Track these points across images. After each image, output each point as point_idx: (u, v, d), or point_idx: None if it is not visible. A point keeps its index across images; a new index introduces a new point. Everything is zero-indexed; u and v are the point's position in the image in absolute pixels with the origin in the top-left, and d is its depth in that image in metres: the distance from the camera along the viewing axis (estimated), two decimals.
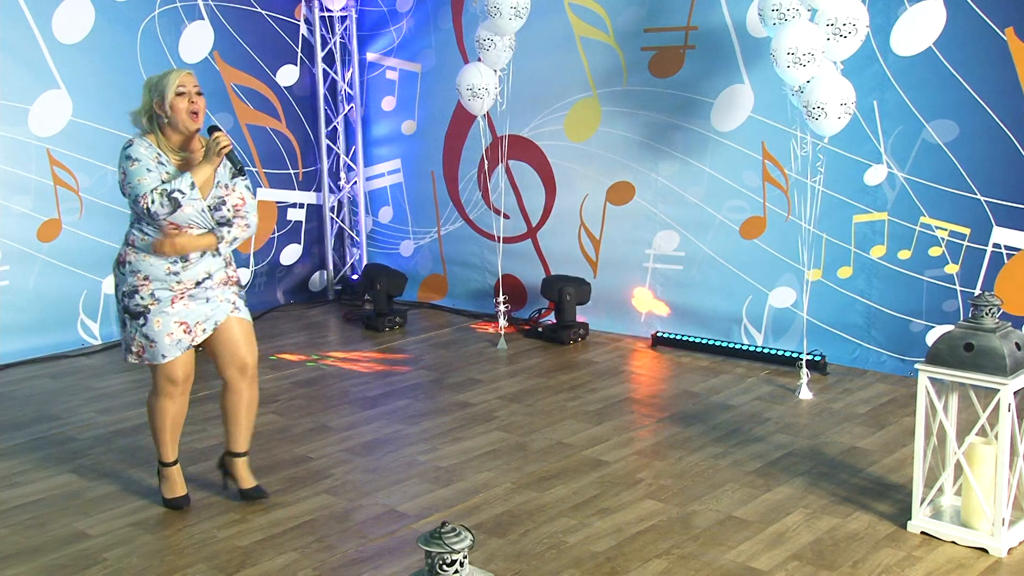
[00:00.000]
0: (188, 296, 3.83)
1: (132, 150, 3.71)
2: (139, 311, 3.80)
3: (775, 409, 5.12)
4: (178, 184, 3.65)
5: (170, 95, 3.70)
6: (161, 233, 3.76)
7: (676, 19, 6.06)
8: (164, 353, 3.81)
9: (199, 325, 3.86)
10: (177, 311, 3.81)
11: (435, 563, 2.34)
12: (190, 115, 3.73)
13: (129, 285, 3.80)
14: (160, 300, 3.79)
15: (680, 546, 3.67)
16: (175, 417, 3.98)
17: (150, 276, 3.78)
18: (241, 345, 3.96)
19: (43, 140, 6.21)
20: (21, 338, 6.24)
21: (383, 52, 7.58)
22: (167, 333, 3.80)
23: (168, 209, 3.65)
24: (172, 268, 3.79)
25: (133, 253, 3.80)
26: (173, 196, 3.64)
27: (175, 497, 4.05)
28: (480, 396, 5.45)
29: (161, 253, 3.76)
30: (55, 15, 6.14)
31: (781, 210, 5.85)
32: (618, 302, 6.60)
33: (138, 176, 3.67)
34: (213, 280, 3.88)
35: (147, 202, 3.63)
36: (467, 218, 7.30)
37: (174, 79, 3.71)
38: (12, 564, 3.64)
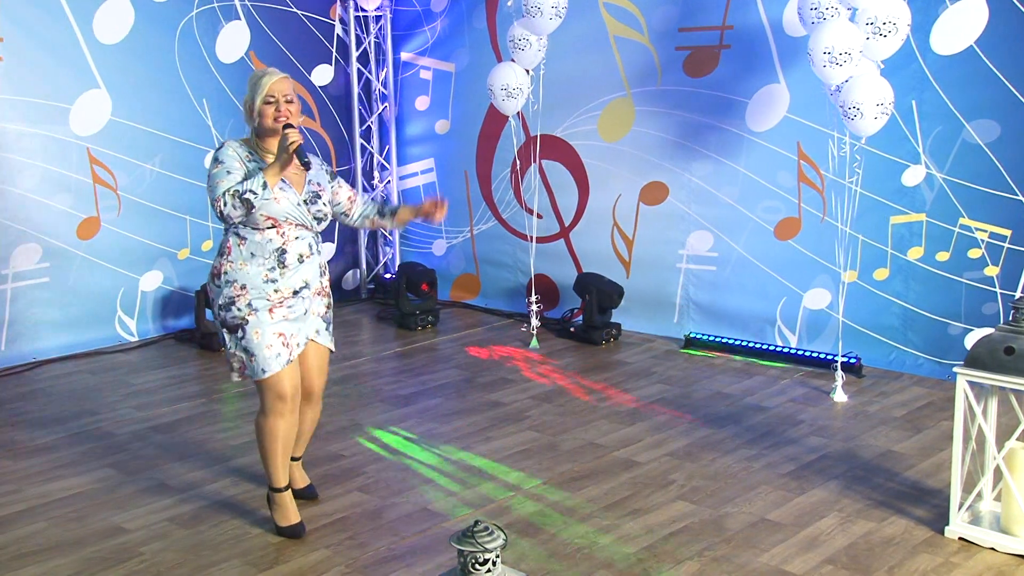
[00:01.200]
0: (286, 306, 3.66)
1: (220, 152, 3.63)
2: (237, 323, 3.63)
3: (809, 411, 5.08)
4: (250, 184, 3.51)
5: (258, 102, 3.62)
6: (259, 233, 3.61)
7: (711, 18, 6.03)
8: (264, 367, 3.62)
9: (294, 338, 3.70)
10: (276, 322, 3.64)
11: (467, 562, 2.34)
12: (275, 122, 3.62)
13: (225, 297, 3.63)
14: (257, 310, 3.62)
15: (712, 548, 3.65)
16: (286, 437, 3.74)
17: (247, 285, 3.61)
18: (314, 373, 3.84)
19: (83, 139, 6.30)
20: (61, 334, 6.34)
21: (417, 52, 7.60)
22: (267, 345, 3.62)
23: (242, 211, 3.52)
24: (270, 275, 3.62)
25: (228, 263, 3.63)
26: (245, 197, 3.50)
27: (290, 525, 3.81)
28: (511, 396, 5.46)
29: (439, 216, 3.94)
30: (96, 16, 6.22)
31: (816, 211, 5.79)
32: (651, 302, 6.58)
33: (218, 179, 3.56)
34: (310, 289, 3.73)
35: (220, 204, 3.52)
36: (500, 218, 7.31)
37: (265, 85, 3.62)
38: (53, 556, 3.70)
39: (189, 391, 5.64)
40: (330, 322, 3.89)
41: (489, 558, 2.34)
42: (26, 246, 6.13)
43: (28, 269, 6.17)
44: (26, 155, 6.07)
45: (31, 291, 6.20)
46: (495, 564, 2.36)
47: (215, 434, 4.91)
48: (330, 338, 3.89)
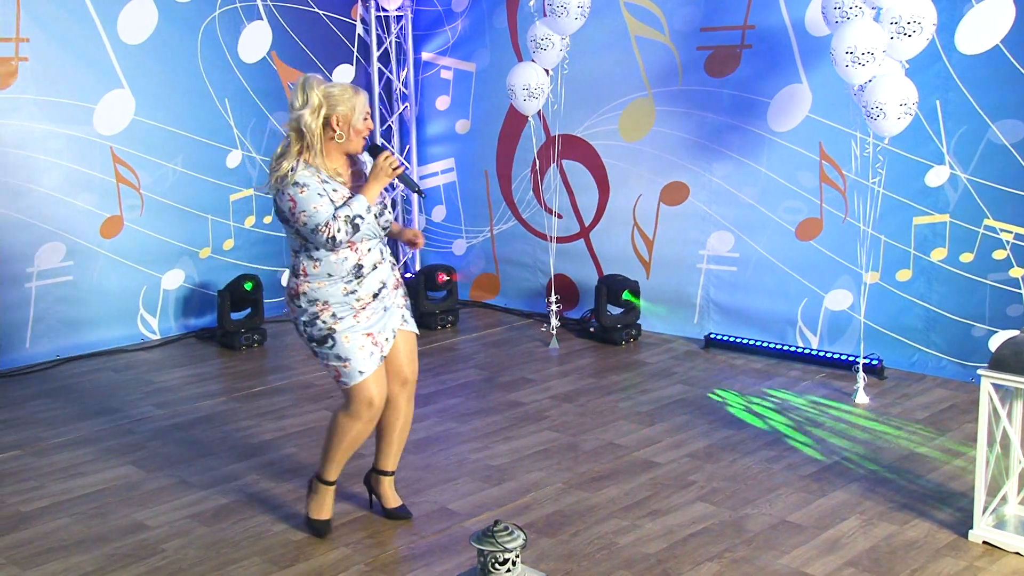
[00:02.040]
0: (369, 309, 3.66)
1: (299, 176, 3.50)
2: (324, 335, 3.62)
3: (830, 413, 5.05)
4: (357, 210, 3.51)
5: (357, 118, 3.55)
6: (333, 254, 3.56)
7: (733, 18, 6.01)
8: (361, 368, 3.61)
9: (382, 335, 3.69)
10: (361, 323, 3.64)
11: (487, 561, 2.35)
12: (362, 140, 3.61)
13: (309, 315, 3.62)
14: (342, 318, 3.61)
15: (733, 550, 3.64)
16: (357, 441, 3.76)
17: (329, 301, 3.60)
18: (405, 359, 3.81)
19: (107, 138, 6.34)
20: (84, 332, 6.39)
21: (438, 52, 7.61)
22: (359, 347, 3.61)
23: (351, 235, 3.51)
24: (348, 288, 3.61)
25: (307, 284, 3.60)
26: (355, 223, 3.50)
27: (321, 520, 3.83)
28: (531, 395, 5.45)
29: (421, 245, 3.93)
30: (120, 16, 6.27)
31: (838, 211, 5.76)
32: (671, 303, 6.56)
33: (313, 203, 3.47)
34: (387, 288, 3.73)
35: (331, 231, 3.46)
36: (520, 217, 7.31)
37: (364, 103, 3.57)
38: (76, 552, 3.73)
39: (210, 389, 5.68)
40: (409, 308, 3.88)
41: (509, 558, 2.35)
42: (50, 245, 6.18)
43: (52, 268, 6.22)
44: (51, 154, 6.12)
45: (55, 289, 6.25)
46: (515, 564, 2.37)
47: (236, 432, 4.94)
48: (414, 322, 3.88)
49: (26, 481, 4.40)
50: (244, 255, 7.07)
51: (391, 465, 3.95)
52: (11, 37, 5.85)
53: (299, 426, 5.01)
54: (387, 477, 3.96)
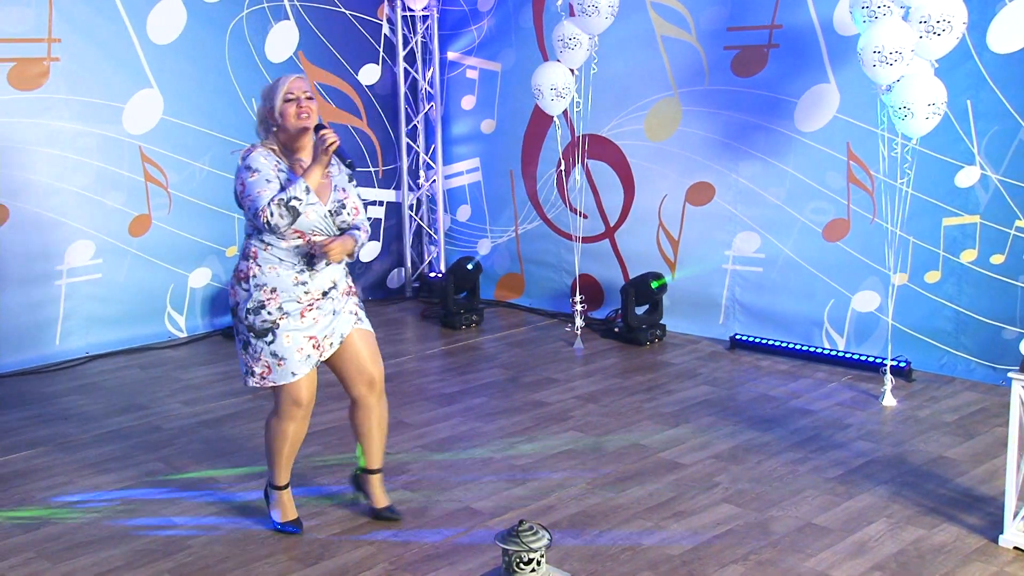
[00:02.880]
0: (316, 308, 3.64)
1: (251, 159, 3.56)
2: (266, 328, 3.59)
3: (857, 415, 5.01)
4: (293, 191, 3.48)
5: (279, 102, 3.57)
6: (284, 241, 3.58)
7: (760, 18, 5.97)
8: (294, 371, 3.62)
9: (327, 339, 3.69)
10: (307, 324, 3.63)
11: (512, 561, 2.34)
12: (299, 119, 3.58)
13: (255, 301, 3.59)
14: (289, 314, 3.60)
15: (758, 552, 3.62)
16: (294, 441, 3.79)
17: (278, 288, 3.58)
18: (367, 360, 3.78)
19: (136, 138, 6.41)
20: (112, 329, 6.45)
21: (464, 51, 7.62)
22: (297, 348, 3.61)
23: (288, 219, 3.49)
24: (300, 278, 3.60)
25: (256, 267, 3.60)
26: (291, 205, 3.48)
27: (291, 520, 3.87)
28: (556, 395, 5.45)
29: (335, 258, 3.59)
30: (150, 16, 6.33)
31: (866, 212, 5.71)
32: (696, 303, 6.53)
33: (258, 188, 3.51)
34: (338, 290, 3.72)
35: (267, 215, 3.47)
36: (545, 217, 7.30)
37: (283, 85, 3.59)
38: (103, 547, 3.77)
39: (236, 387, 5.71)
40: (363, 309, 3.87)
41: (534, 557, 2.34)
42: (80, 243, 6.25)
43: (82, 265, 6.29)
44: (81, 153, 6.19)
45: (84, 287, 6.32)
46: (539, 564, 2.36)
47: (262, 430, 4.93)
48: (368, 321, 3.86)
49: (55, 477, 4.45)
50: None
51: (375, 463, 3.94)
52: (43, 38, 5.92)
53: (323, 424, 5.04)
54: (374, 475, 3.96)
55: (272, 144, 3.65)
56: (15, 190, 5.95)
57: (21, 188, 5.97)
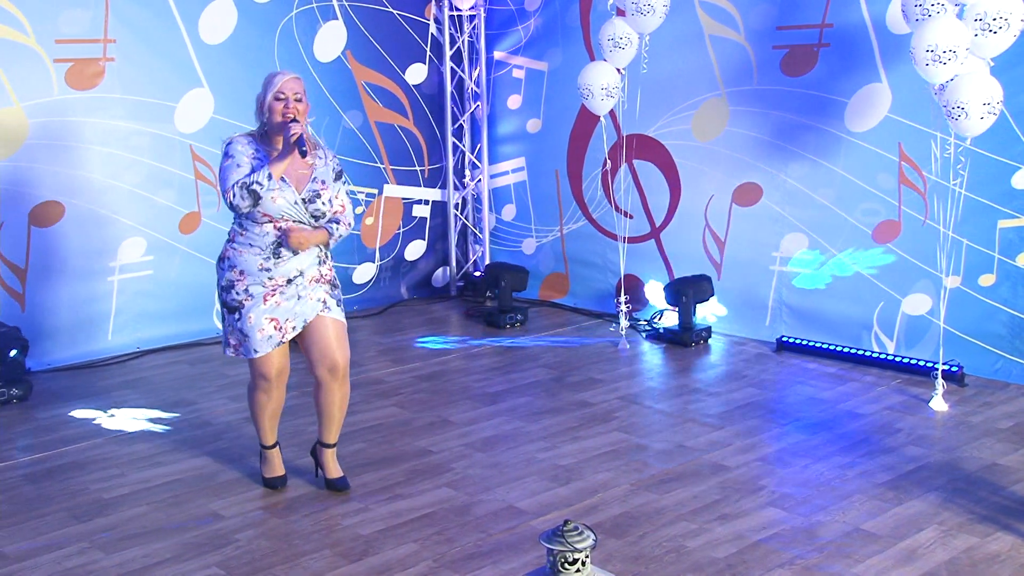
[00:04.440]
0: (279, 292, 3.92)
1: (230, 147, 3.87)
2: (235, 306, 3.94)
3: (907, 420, 4.93)
4: (257, 176, 3.76)
5: (268, 97, 3.85)
6: (256, 226, 3.87)
7: (811, 16, 5.90)
8: (256, 348, 3.94)
9: (289, 322, 3.96)
10: (269, 307, 3.92)
11: (557, 561, 2.35)
12: (283, 117, 3.82)
13: (226, 280, 3.95)
14: (253, 296, 3.91)
15: (804, 557, 3.57)
16: (273, 409, 4.16)
17: (245, 271, 3.91)
18: (331, 345, 4.02)
19: (187, 136, 6.50)
20: (163, 325, 6.56)
21: (510, 51, 7.63)
22: (259, 329, 3.92)
23: (249, 201, 3.76)
24: (264, 264, 3.89)
25: (232, 249, 3.95)
26: (252, 188, 3.75)
27: (273, 477, 4.26)
28: (600, 396, 5.43)
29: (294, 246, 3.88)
30: (202, 17, 6.42)
31: (918, 214, 5.62)
32: (743, 305, 6.47)
33: (229, 171, 3.82)
34: (304, 278, 3.96)
35: (230, 196, 3.77)
36: (590, 217, 7.28)
37: (277, 83, 3.85)
38: (153, 540, 3.83)
39: None
40: (339, 299, 4.08)
41: (579, 558, 2.34)
42: (132, 240, 6.36)
43: (133, 262, 6.40)
44: (134, 152, 6.29)
45: (136, 283, 6.43)
46: (584, 564, 2.36)
47: (305, 427, 5.01)
48: (342, 312, 4.08)
49: (108, 469, 4.54)
50: None
51: (330, 438, 4.22)
52: (99, 38, 6.04)
53: (369, 422, 5.07)
54: (328, 449, 4.24)
55: (258, 131, 3.95)
56: (71, 188, 6.07)
57: (76, 186, 6.09)
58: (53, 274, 6.08)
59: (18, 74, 5.78)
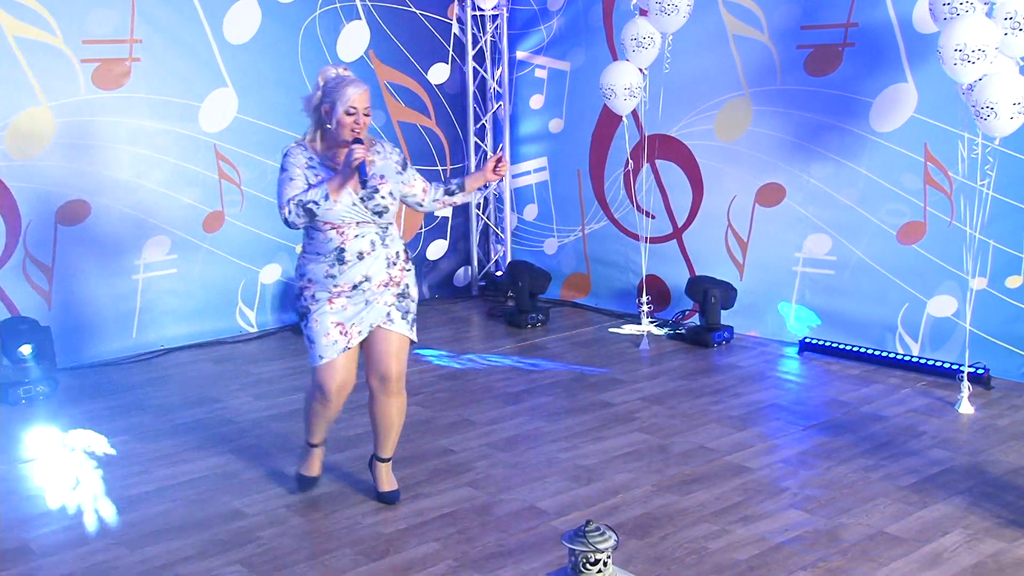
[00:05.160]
0: (344, 296, 3.81)
1: (286, 160, 3.76)
2: (303, 312, 3.87)
3: (932, 423, 4.88)
4: (313, 195, 3.64)
5: (340, 110, 3.68)
6: (321, 233, 3.75)
7: (836, 16, 5.86)
8: (321, 353, 3.83)
9: (355, 327, 3.84)
10: (335, 311, 3.82)
11: (579, 561, 2.34)
12: (351, 132, 3.69)
13: (297, 288, 3.90)
14: (319, 301, 3.82)
15: (827, 559, 3.55)
16: (328, 416, 4.06)
17: (312, 279, 3.82)
18: (384, 356, 3.91)
19: (211, 136, 6.54)
20: (186, 323, 6.61)
21: (533, 50, 7.63)
22: (324, 334, 3.81)
23: (304, 219, 3.68)
24: (329, 271, 3.78)
25: (302, 257, 3.88)
26: (307, 208, 3.65)
27: (307, 476, 4.22)
28: (621, 396, 5.42)
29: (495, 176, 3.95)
30: (226, 17, 6.46)
31: (944, 215, 5.57)
32: (765, 306, 6.44)
33: (283, 186, 3.72)
34: (372, 283, 3.82)
35: (285, 212, 3.67)
36: (612, 217, 7.27)
37: (350, 96, 3.68)
38: (178, 536, 3.86)
39: (305, 382, 5.77)
40: (408, 311, 3.93)
41: (600, 558, 2.34)
42: (156, 238, 6.41)
43: (158, 260, 6.45)
44: (158, 151, 6.34)
45: (160, 281, 6.48)
46: (606, 565, 2.36)
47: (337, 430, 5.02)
48: (408, 327, 3.93)
49: (133, 466, 4.58)
50: None
51: (384, 451, 4.12)
52: (126, 39, 6.09)
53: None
54: (382, 463, 4.13)
55: (311, 134, 3.81)
56: (97, 187, 6.12)
57: (102, 185, 6.14)
58: (79, 272, 6.14)
59: (46, 74, 5.83)
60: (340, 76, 3.77)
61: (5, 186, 5.77)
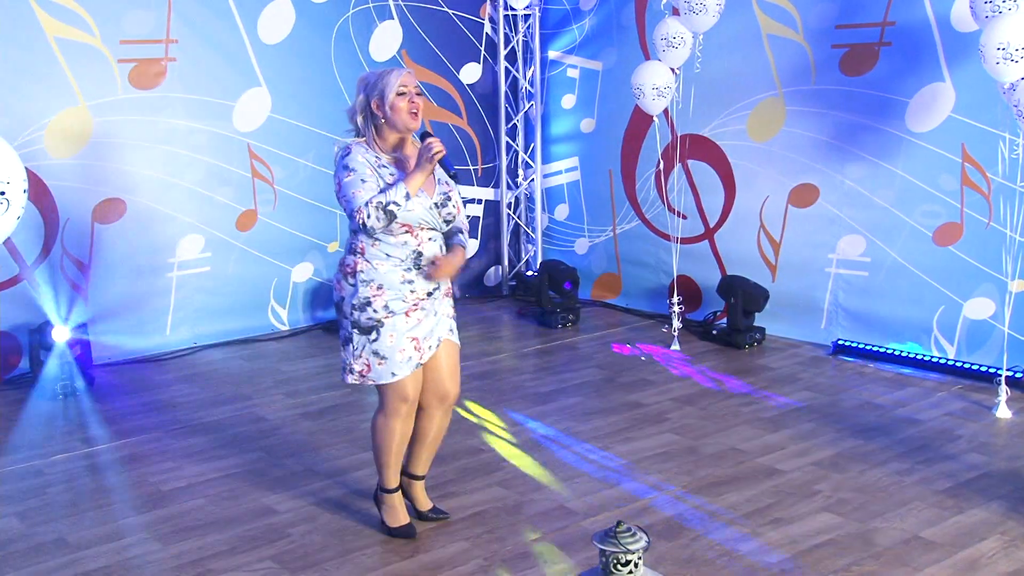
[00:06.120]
0: (420, 308, 3.59)
1: (349, 159, 3.50)
2: (371, 325, 3.55)
3: (968, 427, 4.81)
4: (393, 196, 3.42)
5: (391, 95, 3.50)
6: (392, 236, 3.52)
7: (872, 15, 5.80)
8: (395, 371, 3.56)
9: (426, 341, 3.63)
10: (411, 325, 3.58)
11: (610, 562, 2.33)
12: (410, 115, 3.53)
13: (361, 297, 3.54)
14: (395, 313, 3.55)
15: (860, 563, 3.51)
16: (402, 438, 3.73)
17: (384, 285, 3.53)
18: (447, 374, 3.72)
19: (245, 135, 6.60)
20: (219, 321, 6.66)
21: (565, 50, 7.61)
22: (400, 349, 3.56)
23: (384, 222, 3.44)
24: (407, 276, 3.54)
25: (364, 262, 3.54)
26: (388, 209, 3.42)
27: (400, 526, 3.80)
28: (652, 397, 5.40)
29: (441, 279, 3.61)
30: (260, 17, 6.51)
31: (981, 216, 5.49)
32: (798, 307, 6.38)
33: (354, 188, 3.45)
34: (440, 291, 3.67)
35: (363, 216, 3.41)
36: (643, 217, 7.24)
37: (395, 79, 3.52)
38: (210, 532, 3.89)
39: (336, 380, 5.82)
40: (454, 320, 3.81)
41: (631, 559, 2.33)
42: (191, 236, 6.47)
43: (192, 259, 6.51)
44: (193, 150, 6.40)
45: (194, 279, 6.54)
46: (637, 566, 2.34)
47: (360, 424, 5.05)
48: (457, 335, 3.81)
49: (166, 462, 4.62)
50: None
51: (421, 469, 3.90)
52: (162, 39, 6.15)
53: None
54: (417, 481, 3.91)
55: (369, 138, 3.59)
56: (132, 185, 6.19)
57: (138, 183, 6.21)
58: (114, 270, 6.21)
59: (84, 74, 5.91)
60: (376, 71, 3.63)
61: (44, 185, 5.85)
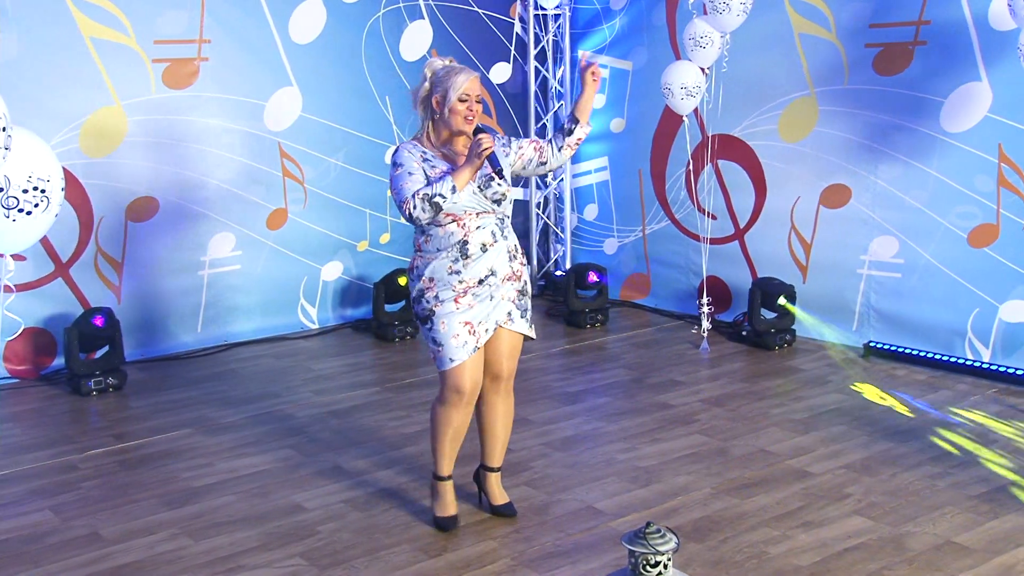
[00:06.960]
0: (471, 294, 3.65)
1: (397, 155, 3.63)
2: (426, 315, 3.68)
3: (1004, 431, 4.75)
4: (440, 188, 3.50)
5: (453, 98, 3.57)
6: (440, 228, 3.62)
7: (906, 14, 5.73)
8: (452, 356, 3.64)
9: (482, 325, 3.67)
10: (462, 310, 3.64)
11: (639, 563, 2.33)
12: (465, 120, 3.60)
13: (417, 291, 3.70)
14: (443, 301, 3.64)
15: (891, 568, 3.48)
16: (458, 429, 3.78)
17: (434, 278, 3.65)
18: (502, 355, 3.77)
19: (275, 134, 6.64)
20: (249, 319, 6.71)
21: (595, 50, 7.59)
22: (453, 335, 3.63)
23: (430, 213, 3.53)
24: (454, 267, 3.63)
25: (419, 258, 3.70)
26: (434, 201, 3.50)
27: (445, 516, 3.86)
28: (681, 398, 5.37)
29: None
30: (292, 17, 6.55)
31: (1018, 217, 5.41)
32: (829, 309, 6.32)
33: (401, 181, 3.56)
34: (497, 276, 3.68)
35: (409, 207, 3.51)
36: (673, 218, 7.21)
37: (462, 83, 3.57)
38: (240, 528, 3.93)
39: (365, 379, 5.86)
40: (526, 308, 3.80)
41: (661, 560, 2.32)
42: (222, 235, 6.52)
43: (223, 257, 6.56)
44: (225, 149, 6.45)
45: (225, 277, 6.59)
46: (666, 567, 2.33)
47: (388, 422, 5.07)
48: (527, 324, 3.80)
49: (197, 459, 4.67)
50: (400, 249, 7.26)
51: (494, 461, 3.95)
52: (195, 39, 6.21)
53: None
54: (492, 473, 3.97)
55: (421, 130, 3.70)
56: (165, 184, 6.25)
57: (171, 182, 6.27)
58: (147, 267, 6.27)
59: (119, 74, 5.97)
60: (448, 66, 3.64)
61: (79, 183, 5.92)
